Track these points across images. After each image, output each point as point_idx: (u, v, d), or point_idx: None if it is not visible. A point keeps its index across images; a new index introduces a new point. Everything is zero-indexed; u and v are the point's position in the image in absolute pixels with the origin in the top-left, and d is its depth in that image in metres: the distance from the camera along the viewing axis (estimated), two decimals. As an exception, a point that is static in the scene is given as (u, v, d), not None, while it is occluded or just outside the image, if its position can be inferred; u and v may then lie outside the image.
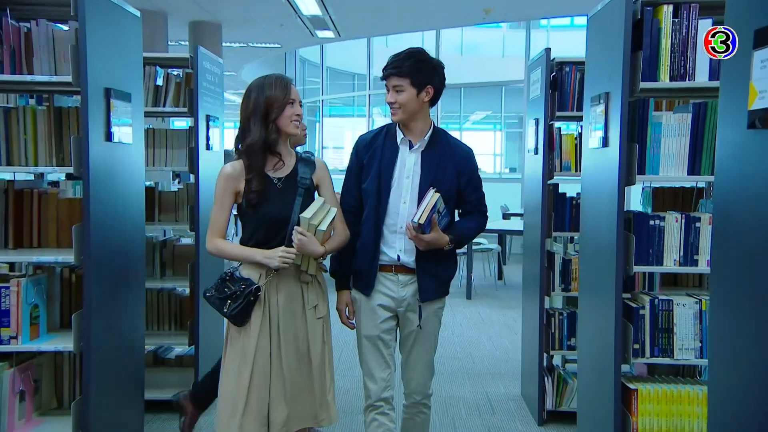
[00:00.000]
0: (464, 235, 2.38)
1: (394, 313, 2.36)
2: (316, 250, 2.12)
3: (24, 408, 2.30)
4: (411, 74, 2.23)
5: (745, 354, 1.36)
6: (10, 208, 2.39)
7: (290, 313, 2.16)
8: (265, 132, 2.13)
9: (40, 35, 2.34)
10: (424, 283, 2.31)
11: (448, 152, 2.33)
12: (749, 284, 1.35)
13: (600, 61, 2.46)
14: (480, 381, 4.10)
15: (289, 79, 2.21)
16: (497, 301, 6.58)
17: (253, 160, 2.14)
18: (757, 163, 1.32)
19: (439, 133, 2.36)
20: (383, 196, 2.30)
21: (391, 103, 2.27)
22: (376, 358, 2.36)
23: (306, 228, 2.09)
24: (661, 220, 2.25)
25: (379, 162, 2.31)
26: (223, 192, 2.17)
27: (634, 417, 2.21)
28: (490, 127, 16.26)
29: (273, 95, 2.13)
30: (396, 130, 2.34)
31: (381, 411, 2.37)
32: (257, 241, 2.18)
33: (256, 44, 11.17)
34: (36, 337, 2.29)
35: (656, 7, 2.18)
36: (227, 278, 2.15)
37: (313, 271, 2.20)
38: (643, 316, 2.25)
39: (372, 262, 2.32)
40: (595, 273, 2.45)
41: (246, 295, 2.09)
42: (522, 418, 3.48)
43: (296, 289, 2.19)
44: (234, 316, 2.11)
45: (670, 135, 2.22)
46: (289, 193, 2.18)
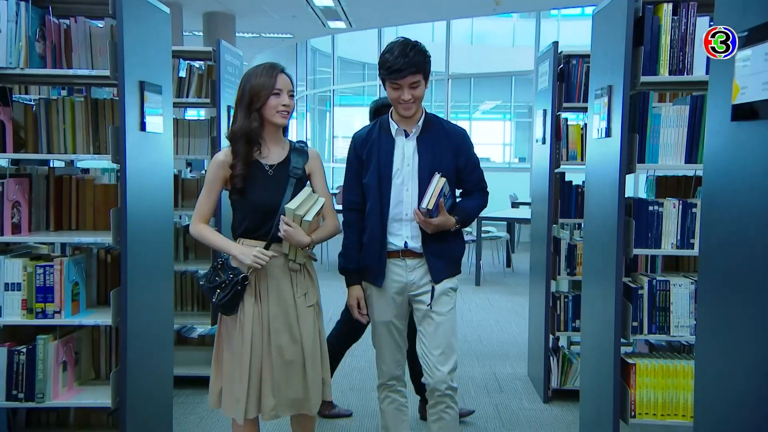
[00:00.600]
0: (468, 215, 2.42)
1: (404, 297, 2.41)
2: (302, 240, 2.13)
3: (66, 377, 2.49)
4: (424, 69, 2.28)
5: (729, 331, 1.51)
6: (51, 193, 2.57)
7: (280, 301, 2.19)
8: (247, 121, 2.15)
9: (78, 31, 2.50)
10: (434, 263, 2.35)
11: (443, 135, 2.37)
12: (733, 266, 1.50)
13: (603, 56, 2.59)
14: (488, 362, 4.27)
15: (280, 67, 2.21)
16: (505, 288, 6.73)
17: (235, 147, 2.17)
18: (740, 153, 1.47)
19: (431, 117, 2.40)
20: (385, 188, 2.34)
21: (406, 100, 2.28)
22: (388, 341, 2.44)
23: (291, 218, 2.10)
24: (660, 206, 2.39)
25: (378, 155, 2.35)
26: (212, 178, 2.21)
27: (632, 389, 2.37)
28: (500, 117, 16.32)
29: (258, 84, 2.14)
30: (389, 122, 2.39)
31: (393, 388, 2.50)
32: (246, 228, 2.21)
33: (269, 35, 11.32)
34: (77, 312, 2.47)
35: (657, 5, 2.31)
36: (218, 266, 2.18)
37: (301, 260, 2.21)
38: (641, 296, 2.40)
39: (380, 253, 2.36)
40: (598, 256, 2.60)
41: (233, 285, 2.11)
42: (528, 396, 3.65)
43: (285, 278, 2.20)
44: (222, 306, 2.14)
45: (669, 126, 2.36)
46: (281, 182, 2.19)
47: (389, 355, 2.45)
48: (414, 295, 2.40)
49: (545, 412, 3.42)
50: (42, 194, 2.56)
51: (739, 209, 1.48)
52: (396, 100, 2.30)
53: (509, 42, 16.09)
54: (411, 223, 2.34)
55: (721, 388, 1.54)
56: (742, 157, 1.46)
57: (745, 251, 1.45)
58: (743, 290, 1.44)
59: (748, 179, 1.44)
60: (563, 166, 3.50)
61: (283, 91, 2.16)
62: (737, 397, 1.46)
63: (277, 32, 11.22)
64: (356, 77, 15.91)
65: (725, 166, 1.55)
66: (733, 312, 1.49)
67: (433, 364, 2.36)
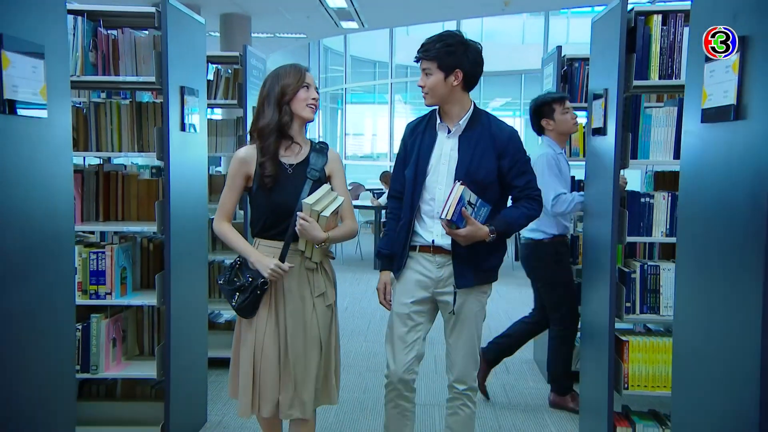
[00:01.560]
0: (510, 224, 2.29)
1: (429, 293, 2.34)
2: (317, 235, 2.10)
3: (115, 352, 2.77)
4: (438, 57, 2.22)
5: (703, 308, 1.76)
6: (101, 187, 2.85)
7: (297, 300, 2.17)
8: (279, 114, 2.14)
9: (125, 42, 2.78)
10: (461, 269, 2.28)
11: (487, 134, 2.28)
12: (704, 250, 1.74)
13: (601, 61, 2.84)
14: (496, 347, 4.51)
15: (305, 66, 2.24)
16: (514, 280, 6.96)
17: (265, 143, 2.15)
18: (708, 150, 1.72)
19: (480, 115, 2.32)
20: (419, 182, 2.31)
21: (421, 87, 2.27)
22: (402, 338, 2.34)
23: (308, 213, 2.09)
24: (651, 198, 2.64)
25: (419, 148, 2.32)
26: (234, 174, 2.20)
27: (626, 364, 2.62)
28: (510, 114, 16.53)
29: (287, 80, 2.16)
30: (437, 115, 2.35)
31: (399, 393, 2.38)
32: (262, 227, 2.21)
33: (283, 35, 11.58)
34: (125, 294, 2.75)
35: (648, 16, 2.56)
36: (237, 266, 2.18)
37: (317, 259, 2.19)
38: (634, 279, 2.65)
39: (404, 245, 2.34)
40: (596, 244, 2.85)
41: (253, 289, 2.11)
42: (533, 377, 3.91)
43: (302, 277, 2.18)
44: (242, 309, 2.14)
45: (659, 125, 2.60)
46: (298, 182, 2.17)
47: (400, 354, 2.33)
48: (439, 293, 2.35)
49: (548, 391, 3.66)
50: (92, 188, 2.84)
51: (709, 200, 1.73)
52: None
53: (519, 40, 16.26)
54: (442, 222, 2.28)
55: (695, 359, 1.79)
56: (710, 154, 1.71)
57: (714, 237, 1.69)
58: (715, 271, 1.69)
59: (715, 173, 1.69)
60: (566, 162, 3.74)
61: (311, 86, 2.20)
62: (710, 368, 1.70)
63: (291, 32, 11.49)
64: (367, 75, 16.17)
65: (697, 162, 1.80)
66: (704, 291, 1.74)
67: (455, 365, 2.37)
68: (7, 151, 1.65)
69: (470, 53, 2.26)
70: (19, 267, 1.69)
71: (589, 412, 2.95)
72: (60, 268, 1.93)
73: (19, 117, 1.66)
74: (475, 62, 2.27)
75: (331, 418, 3.23)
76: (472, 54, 2.27)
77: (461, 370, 2.37)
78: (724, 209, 1.64)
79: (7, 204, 1.65)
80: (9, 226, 1.66)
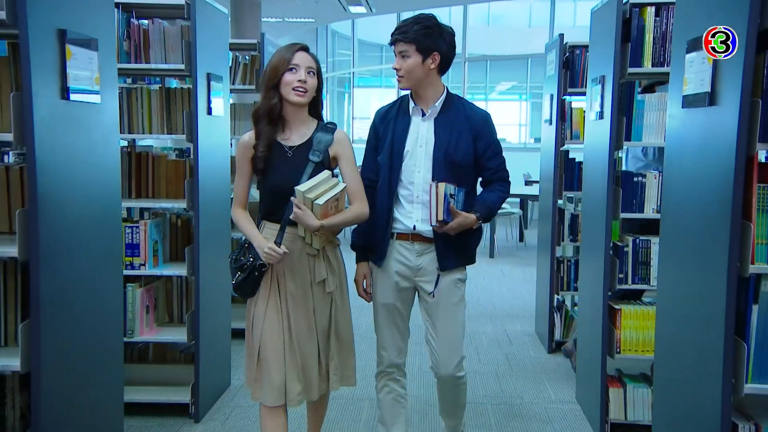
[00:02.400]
0: (491, 208, 2.33)
1: (411, 282, 2.35)
2: (310, 223, 2.05)
3: (149, 319, 3.02)
4: (417, 40, 2.18)
5: (682, 276, 1.98)
6: (132, 166, 3.07)
7: (298, 286, 2.16)
8: (268, 99, 2.11)
9: (155, 31, 2.98)
10: (443, 251, 2.29)
11: (462, 117, 2.28)
12: (683, 223, 1.96)
13: (599, 49, 3.03)
14: (500, 321, 4.76)
15: (300, 45, 2.16)
16: (518, 260, 7.20)
17: (257, 127, 2.14)
18: (688, 133, 1.92)
19: (453, 98, 2.31)
20: (395, 166, 2.28)
21: (396, 69, 2.23)
22: (389, 326, 2.37)
23: (301, 201, 2.03)
24: (643, 177, 2.85)
25: (392, 133, 2.29)
26: (240, 159, 2.20)
27: (618, 330, 2.84)
28: (516, 98, 16.62)
29: (274, 62, 2.11)
30: (409, 99, 2.33)
31: (392, 377, 2.40)
32: (266, 210, 2.20)
33: (292, 19, 11.74)
34: (157, 265, 2.98)
35: (642, 7, 2.74)
36: (246, 245, 2.17)
37: (317, 245, 2.14)
38: (627, 253, 2.87)
39: (384, 233, 2.31)
40: (593, 220, 3.07)
41: (251, 270, 2.10)
42: (534, 347, 4.14)
43: (303, 262, 2.16)
44: (239, 288, 2.14)
45: (651, 110, 2.80)
46: (299, 165, 2.13)
47: (390, 340, 2.38)
48: (420, 281, 2.34)
49: (549, 360, 3.91)
50: (126, 167, 3.06)
51: (687, 177, 1.94)
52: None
53: (525, 23, 16.32)
54: (422, 206, 2.28)
55: (675, 324, 2.01)
56: (689, 135, 1.92)
57: (691, 210, 1.91)
58: (693, 245, 1.90)
59: (693, 153, 1.90)
60: (567, 145, 3.94)
61: (300, 67, 2.09)
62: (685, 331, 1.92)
63: (300, 17, 11.67)
64: (374, 59, 16.30)
65: (678, 143, 2.01)
66: (682, 261, 1.96)
67: (439, 356, 2.33)
68: (68, 132, 1.88)
69: (446, 36, 2.25)
70: (78, 239, 1.92)
71: (585, 376, 3.19)
72: (110, 240, 2.17)
73: (78, 103, 1.88)
74: (451, 45, 2.27)
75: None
76: (448, 37, 2.26)
77: (444, 359, 2.33)
78: (699, 185, 1.85)
79: (71, 180, 1.88)
80: (71, 202, 1.89)
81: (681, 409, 1.97)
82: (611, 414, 2.87)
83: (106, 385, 2.23)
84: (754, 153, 1.64)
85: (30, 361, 1.78)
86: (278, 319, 2.14)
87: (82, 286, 2.00)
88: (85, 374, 2.06)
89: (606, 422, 2.87)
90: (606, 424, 2.87)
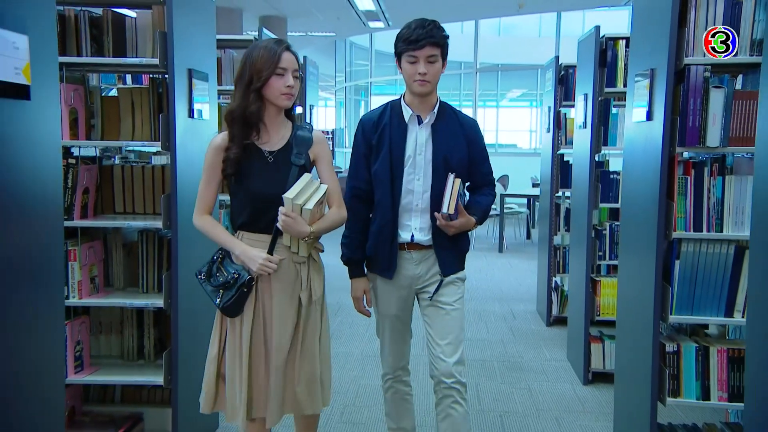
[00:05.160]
0: (485, 212, 2.35)
1: (411, 291, 2.33)
2: (302, 230, 1.94)
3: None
4: (443, 44, 2.18)
5: (631, 245, 2.68)
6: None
7: (283, 297, 2.01)
8: (246, 102, 1.94)
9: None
10: (444, 257, 2.28)
11: (456, 124, 2.28)
12: (633, 206, 2.66)
13: (583, 72, 3.75)
14: (506, 302, 5.48)
15: (285, 44, 2.00)
16: (524, 254, 7.91)
17: (231, 129, 1.99)
18: (635, 141, 2.64)
19: (445, 106, 2.30)
20: (396, 176, 2.22)
21: (422, 74, 2.15)
22: (394, 335, 2.38)
23: (290, 208, 1.92)
24: (618, 175, 3.56)
25: (389, 141, 2.22)
26: (210, 164, 2.01)
27: (598, 297, 3.55)
28: (527, 104, 17.30)
29: (260, 62, 1.93)
30: (402, 106, 2.26)
31: (398, 379, 2.42)
32: (245, 220, 2.02)
33: (314, 33, 12.56)
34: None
35: (615, 40, 3.46)
36: (218, 260, 2.00)
37: (305, 253, 2.02)
38: (605, 235, 3.58)
39: (392, 244, 2.26)
40: (579, 209, 3.78)
41: (239, 287, 1.94)
42: (535, 322, 4.86)
43: (289, 272, 2.01)
44: (228, 309, 1.96)
45: (622, 121, 3.52)
46: (282, 170, 1.99)
47: (395, 347, 2.39)
48: (420, 288, 2.33)
49: (547, 331, 4.62)
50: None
51: (635, 176, 2.64)
52: (411, 76, 2.17)
53: (535, 33, 17.01)
54: (421, 214, 2.26)
55: (627, 280, 2.72)
56: (635, 143, 2.64)
57: (637, 195, 2.61)
58: (636, 220, 2.60)
59: (638, 157, 2.61)
60: (562, 150, 4.66)
61: (288, 71, 1.96)
62: (634, 285, 2.62)
63: (322, 32, 12.47)
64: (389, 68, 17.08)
65: (631, 149, 2.72)
66: (632, 232, 2.66)
67: (439, 355, 2.25)
68: (193, 141, 2.54)
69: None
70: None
71: (573, 339, 3.90)
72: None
73: (198, 120, 2.57)
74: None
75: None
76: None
77: (446, 362, 2.24)
78: (642, 177, 2.56)
79: (193, 175, 2.62)
80: (193, 190, 2.62)
81: (629, 343, 2.68)
82: (593, 364, 3.58)
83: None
84: (675, 153, 2.35)
85: (169, 301, 2.51)
86: (260, 334, 2.00)
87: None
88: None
89: (588, 371, 3.58)
90: (588, 373, 3.58)
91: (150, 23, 2.58)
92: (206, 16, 2.80)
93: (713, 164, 2.35)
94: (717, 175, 2.34)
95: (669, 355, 2.40)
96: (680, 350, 2.40)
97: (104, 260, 2.72)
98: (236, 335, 2.01)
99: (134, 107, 2.66)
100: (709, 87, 2.28)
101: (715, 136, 2.30)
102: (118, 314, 2.77)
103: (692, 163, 2.36)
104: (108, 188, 2.75)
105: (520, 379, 3.69)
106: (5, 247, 1.55)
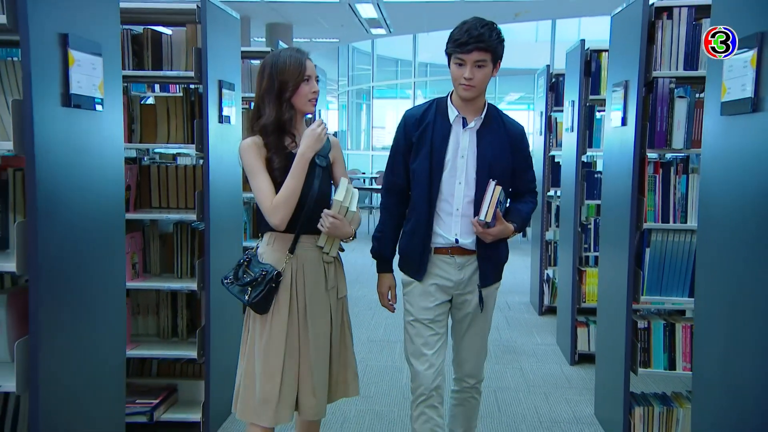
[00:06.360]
0: (525, 219, 2.27)
1: (448, 296, 2.25)
2: (347, 231, 2.06)
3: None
4: (494, 48, 2.06)
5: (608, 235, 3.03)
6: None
7: (316, 296, 2.08)
8: (279, 111, 2.02)
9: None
10: (485, 266, 2.21)
11: (503, 130, 2.20)
12: (610, 201, 3.01)
13: (570, 81, 4.11)
14: (502, 295, 5.72)
15: (305, 53, 2.07)
16: (520, 251, 8.21)
17: (268, 139, 2.03)
18: (613, 143, 2.99)
19: (493, 110, 2.21)
20: (435, 177, 2.16)
21: (468, 79, 2.06)
22: (428, 342, 2.22)
23: (338, 210, 2.02)
24: (601, 174, 3.91)
25: (431, 141, 2.17)
26: (254, 160, 2.02)
27: (584, 285, 3.91)
28: (525, 107, 17.64)
29: (286, 75, 2.00)
30: (448, 105, 2.20)
31: (431, 404, 2.21)
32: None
33: (319, 39, 12.92)
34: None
35: (599, 53, 3.81)
36: (245, 264, 2.06)
37: (335, 253, 2.13)
38: (590, 229, 3.93)
39: (424, 246, 2.20)
40: (567, 206, 4.14)
41: (267, 282, 1.99)
42: (528, 312, 5.21)
43: (319, 270, 2.09)
44: (256, 304, 2.01)
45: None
46: (309, 171, 2.04)
47: (429, 358, 2.21)
48: (459, 294, 2.25)
49: (539, 320, 4.97)
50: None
51: (613, 172, 2.99)
52: (457, 79, 2.10)
53: (532, 38, 17.36)
54: (462, 219, 2.18)
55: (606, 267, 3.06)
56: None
57: (613, 192, 2.96)
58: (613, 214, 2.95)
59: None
60: (553, 151, 5.01)
61: (312, 77, 2.05)
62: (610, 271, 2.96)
63: (326, 38, 12.83)
64: (390, 73, 17.43)
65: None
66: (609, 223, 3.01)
67: (467, 362, 2.31)
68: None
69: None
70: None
71: (561, 324, 4.25)
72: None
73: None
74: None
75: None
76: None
77: (475, 365, 2.31)
78: (617, 176, 2.90)
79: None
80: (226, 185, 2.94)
81: (607, 323, 3.03)
82: (579, 347, 3.93)
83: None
84: (645, 155, 2.70)
85: (202, 284, 2.86)
86: (296, 330, 2.06)
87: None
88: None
89: (575, 353, 3.93)
90: (575, 354, 3.93)
91: (184, 39, 2.90)
92: (232, 31, 3.09)
93: (678, 164, 2.71)
94: (682, 173, 2.69)
95: (640, 331, 2.75)
96: (650, 326, 2.75)
97: (143, 249, 3.06)
98: (268, 333, 2.04)
99: (169, 114, 2.99)
100: (674, 97, 2.65)
101: (680, 140, 2.66)
102: (154, 297, 3.10)
103: (660, 163, 2.72)
104: (146, 185, 3.08)
105: (513, 360, 4.03)
106: (89, 230, 1.95)
